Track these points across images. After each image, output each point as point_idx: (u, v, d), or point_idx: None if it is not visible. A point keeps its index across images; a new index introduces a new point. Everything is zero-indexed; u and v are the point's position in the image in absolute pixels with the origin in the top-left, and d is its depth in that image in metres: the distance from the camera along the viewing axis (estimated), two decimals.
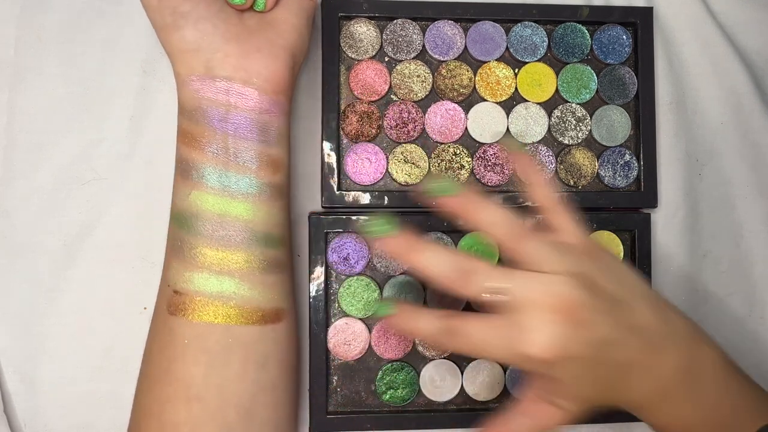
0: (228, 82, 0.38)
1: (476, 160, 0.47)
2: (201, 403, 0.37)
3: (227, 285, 0.38)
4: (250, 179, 0.39)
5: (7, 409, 0.45)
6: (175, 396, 0.37)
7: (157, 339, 0.39)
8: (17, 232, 0.46)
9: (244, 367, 0.38)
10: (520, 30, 0.48)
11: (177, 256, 0.39)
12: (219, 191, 0.38)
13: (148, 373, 0.39)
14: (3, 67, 0.46)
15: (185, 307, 0.38)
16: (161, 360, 0.38)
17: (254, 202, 0.39)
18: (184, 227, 0.39)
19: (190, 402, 0.37)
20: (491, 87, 0.48)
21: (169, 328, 0.38)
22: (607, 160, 0.48)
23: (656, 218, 0.49)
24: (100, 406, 0.46)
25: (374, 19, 0.47)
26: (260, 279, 0.39)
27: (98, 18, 0.47)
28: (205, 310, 0.38)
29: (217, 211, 0.38)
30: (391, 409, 0.47)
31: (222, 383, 0.37)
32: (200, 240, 0.38)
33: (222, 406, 0.37)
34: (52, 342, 0.45)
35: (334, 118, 0.46)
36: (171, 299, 0.38)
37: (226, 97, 0.38)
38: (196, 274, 0.38)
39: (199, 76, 0.38)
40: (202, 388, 0.37)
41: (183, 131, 0.39)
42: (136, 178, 0.47)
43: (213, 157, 0.38)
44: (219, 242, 0.38)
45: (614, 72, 0.49)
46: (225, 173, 0.38)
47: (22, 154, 0.46)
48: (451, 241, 0.47)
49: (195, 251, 0.38)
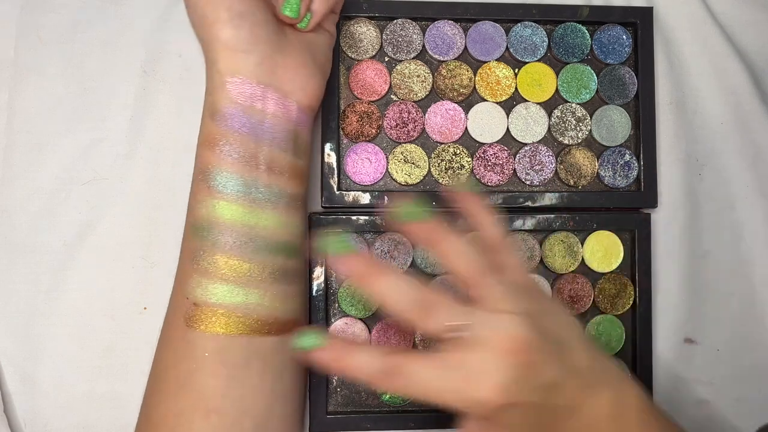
0: (271, 91, 0.38)
1: (476, 160, 0.47)
2: (219, 415, 0.36)
3: (249, 296, 0.37)
4: (279, 189, 0.38)
5: (7, 409, 0.45)
6: (193, 408, 0.36)
7: (173, 351, 0.38)
8: (17, 232, 0.46)
9: (262, 378, 0.37)
10: (520, 30, 0.48)
11: (195, 266, 0.37)
12: (243, 200, 0.37)
13: (162, 386, 0.37)
14: (3, 67, 0.46)
15: (205, 319, 0.37)
16: (177, 372, 0.37)
17: (280, 213, 0.38)
18: (204, 237, 0.37)
19: (208, 414, 0.36)
20: (491, 87, 0.48)
21: (186, 340, 0.37)
22: (607, 160, 0.48)
23: (656, 218, 0.49)
24: (100, 406, 0.46)
25: (374, 19, 0.47)
26: (281, 290, 0.38)
27: (98, 18, 0.47)
28: (225, 322, 0.36)
29: (240, 220, 0.37)
30: (391, 409, 0.47)
31: (241, 395, 0.36)
32: (221, 250, 0.37)
33: (239, 418, 0.36)
34: (52, 342, 0.45)
35: (334, 118, 0.46)
36: (189, 311, 0.37)
37: (263, 103, 0.38)
38: (218, 285, 0.37)
39: (242, 78, 0.37)
40: (220, 400, 0.36)
41: (208, 135, 0.38)
42: (136, 178, 0.47)
43: (242, 164, 0.37)
44: (241, 252, 0.37)
45: (614, 72, 0.49)
46: (253, 181, 0.37)
47: (22, 154, 0.46)
48: None
49: (217, 263, 0.37)
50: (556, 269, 0.48)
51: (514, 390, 0.32)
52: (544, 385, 0.33)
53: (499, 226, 0.37)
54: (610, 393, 0.35)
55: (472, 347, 0.32)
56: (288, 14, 0.38)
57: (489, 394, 0.31)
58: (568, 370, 0.34)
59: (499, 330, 0.32)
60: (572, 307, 0.48)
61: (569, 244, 0.48)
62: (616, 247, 0.48)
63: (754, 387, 0.50)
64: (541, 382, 0.32)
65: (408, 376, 0.32)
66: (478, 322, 0.32)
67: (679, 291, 0.49)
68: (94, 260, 0.46)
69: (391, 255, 0.46)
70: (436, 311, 0.32)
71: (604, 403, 0.35)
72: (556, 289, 0.48)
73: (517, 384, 0.32)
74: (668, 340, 0.49)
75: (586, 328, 0.48)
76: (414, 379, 0.32)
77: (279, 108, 0.38)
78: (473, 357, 0.32)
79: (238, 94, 0.37)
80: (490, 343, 0.32)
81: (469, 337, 0.32)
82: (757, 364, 0.50)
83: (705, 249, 0.50)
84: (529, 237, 0.48)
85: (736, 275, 0.50)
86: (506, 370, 0.31)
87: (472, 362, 0.32)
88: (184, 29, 0.47)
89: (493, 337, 0.32)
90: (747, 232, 0.50)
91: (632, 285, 0.48)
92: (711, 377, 0.49)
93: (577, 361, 0.34)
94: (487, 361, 0.31)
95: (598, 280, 0.48)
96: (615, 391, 0.35)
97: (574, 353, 0.34)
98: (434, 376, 0.32)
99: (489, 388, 0.31)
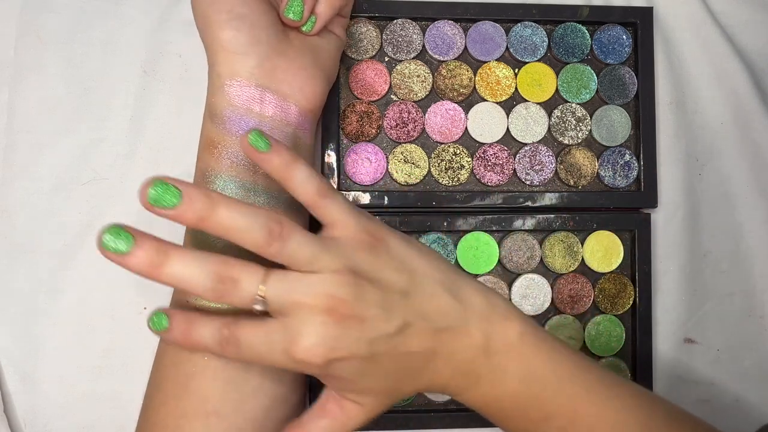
0: (270, 93, 0.38)
1: (476, 160, 0.47)
2: (218, 418, 0.36)
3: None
4: (278, 193, 0.38)
5: (7, 409, 0.45)
6: (193, 411, 0.36)
7: (172, 355, 0.37)
8: (17, 232, 0.46)
9: (261, 381, 0.37)
10: (520, 30, 0.48)
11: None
12: None
13: (162, 388, 0.37)
14: (3, 67, 0.46)
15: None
16: (177, 376, 0.37)
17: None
18: (202, 243, 0.37)
19: (208, 417, 0.36)
20: (491, 87, 0.48)
21: None
22: (607, 160, 0.48)
23: (656, 218, 0.49)
24: (100, 406, 0.46)
25: (374, 19, 0.47)
26: None
27: (98, 18, 0.47)
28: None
29: None
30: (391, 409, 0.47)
31: (240, 398, 0.36)
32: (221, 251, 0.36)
33: (238, 421, 0.36)
34: (52, 342, 0.45)
35: (334, 118, 0.46)
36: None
37: (261, 106, 0.38)
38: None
39: (240, 81, 0.37)
40: (219, 403, 0.36)
41: (208, 138, 0.38)
42: (136, 178, 0.47)
43: (238, 167, 0.37)
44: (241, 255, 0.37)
45: (614, 72, 0.49)
46: (252, 185, 0.38)
47: (22, 154, 0.46)
48: (450, 242, 0.47)
49: None
50: (556, 269, 0.48)
51: (333, 346, 0.32)
52: (375, 338, 0.32)
53: (314, 180, 0.34)
54: (478, 331, 0.35)
55: (288, 312, 0.32)
56: (291, 17, 0.38)
57: (306, 354, 0.31)
58: (413, 316, 0.33)
59: (308, 292, 0.31)
60: (572, 307, 0.48)
61: (569, 244, 0.48)
62: (616, 247, 0.48)
63: (754, 387, 0.50)
64: (369, 335, 0.32)
65: (239, 344, 0.32)
66: (286, 288, 0.32)
67: (679, 291, 0.49)
68: (94, 260, 0.46)
69: None
70: (239, 284, 0.31)
71: (471, 344, 0.35)
72: (556, 289, 0.48)
73: (336, 340, 0.32)
74: (668, 340, 0.49)
75: (585, 327, 0.48)
76: (245, 347, 0.32)
77: (277, 111, 0.38)
78: (290, 321, 0.32)
79: (235, 96, 0.37)
80: (303, 305, 0.31)
81: (282, 304, 0.32)
82: (757, 364, 0.50)
83: (705, 249, 0.50)
84: (529, 237, 0.48)
85: (736, 275, 0.50)
86: (320, 329, 0.31)
87: (290, 325, 0.32)
88: (184, 29, 0.47)
89: (304, 300, 0.31)
90: (747, 232, 0.50)
91: (632, 285, 0.48)
92: (711, 377, 0.49)
93: (427, 306, 0.34)
94: (302, 322, 0.31)
95: (598, 280, 0.48)
96: (484, 328, 0.35)
97: (424, 298, 0.34)
98: (262, 342, 0.32)
99: (305, 349, 0.31)
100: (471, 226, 0.47)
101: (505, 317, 0.36)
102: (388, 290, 0.33)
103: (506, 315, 0.36)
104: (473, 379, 0.35)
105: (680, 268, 0.50)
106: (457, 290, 0.35)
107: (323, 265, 0.32)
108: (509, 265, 0.47)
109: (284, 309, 0.32)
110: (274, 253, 0.32)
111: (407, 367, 0.34)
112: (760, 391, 0.50)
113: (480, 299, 0.36)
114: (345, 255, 0.33)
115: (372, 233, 0.35)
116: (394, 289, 0.33)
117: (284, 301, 0.32)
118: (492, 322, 0.35)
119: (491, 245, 0.47)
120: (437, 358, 0.34)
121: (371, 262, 0.33)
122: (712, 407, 0.49)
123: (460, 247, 0.47)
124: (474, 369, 0.35)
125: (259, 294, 0.31)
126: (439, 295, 0.35)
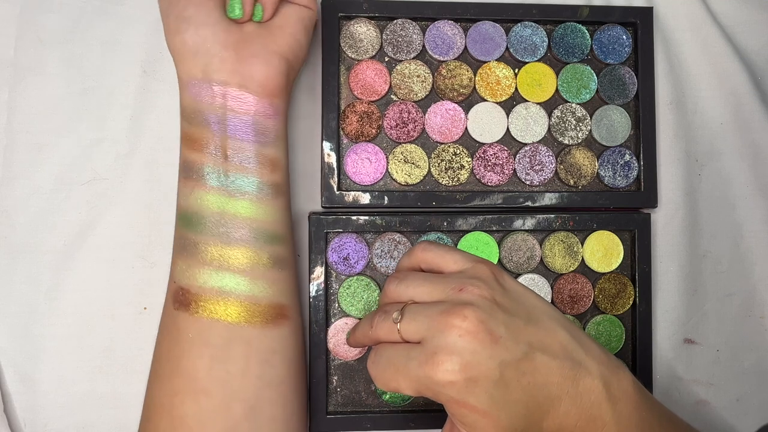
0: (224, 87, 0.39)
1: (476, 160, 0.47)
2: (207, 397, 0.37)
3: (229, 281, 0.39)
4: (249, 178, 0.40)
5: (7, 409, 0.45)
6: (184, 390, 0.38)
7: (166, 335, 0.40)
8: (17, 232, 0.46)
9: (246, 362, 0.38)
10: (520, 30, 0.48)
11: (182, 253, 0.40)
12: (219, 190, 0.39)
13: (158, 368, 0.39)
14: (3, 67, 0.46)
15: (189, 302, 0.38)
16: (170, 355, 0.39)
17: (253, 201, 0.40)
18: (188, 226, 0.39)
19: (197, 395, 0.37)
20: (491, 87, 0.48)
21: (175, 323, 0.39)
22: (607, 160, 0.48)
23: (656, 218, 0.49)
24: (100, 406, 0.46)
25: (374, 19, 0.47)
26: (262, 275, 0.39)
27: (98, 18, 0.47)
28: (207, 305, 0.38)
29: (218, 209, 0.39)
30: (391, 409, 0.47)
31: (226, 378, 0.38)
32: (203, 237, 0.39)
33: (227, 401, 0.38)
34: (52, 342, 0.45)
35: (334, 118, 0.46)
36: (176, 295, 0.39)
37: (222, 100, 0.39)
38: (199, 270, 0.39)
39: (197, 80, 0.39)
40: (207, 382, 0.37)
41: (184, 134, 0.40)
42: (136, 178, 0.47)
43: (212, 158, 0.39)
44: (220, 239, 0.39)
45: (614, 72, 0.49)
46: (224, 173, 0.39)
47: (22, 154, 0.46)
48: (451, 241, 0.47)
49: (198, 248, 0.39)
50: (556, 269, 0.48)
51: (472, 364, 0.32)
52: (508, 360, 0.33)
53: (457, 257, 0.38)
54: (600, 377, 0.35)
55: (427, 336, 0.33)
56: (233, 18, 0.40)
57: (445, 373, 0.32)
58: (538, 345, 0.34)
59: (447, 312, 0.33)
60: (572, 307, 0.48)
61: (569, 244, 0.48)
62: (616, 247, 0.48)
63: (754, 387, 0.50)
64: (504, 356, 0.33)
65: (380, 357, 0.35)
66: (427, 312, 0.34)
67: (678, 291, 0.49)
68: (94, 260, 0.46)
69: (390, 255, 0.46)
70: (386, 314, 0.36)
71: (595, 388, 0.35)
72: (556, 289, 0.48)
73: (473, 354, 0.32)
74: (668, 340, 0.49)
75: (585, 327, 0.48)
76: (385, 361, 0.35)
77: (234, 102, 0.39)
78: (429, 343, 0.33)
79: (196, 95, 0.39)
80: (442, 326, 0.33)
81: (420, 328, 0.34)
82: (757, 364, 0.50)
83: (705, 249, 0.50)
84: (529, 237, 0.48)
85: (736, 275, 0.50)
86: (460, 341, 0.32)
87: (429, 347, 0.33)
88: None
89: (443, 320, 0.33)
90: (747, 232, 0.50)
91: (632, 285, 0.48)
92: (711, 377, 0.49)
93: (552, 341, 0.35)
94: (441, 340, 0.33)
95: (598, 280, 0.48)
96: (606, 374, 0.35)
97: (548, 332, 0.35)
98: (400, 359, 0.34)
99: (445, 366, 0.32)
100: (471, 226, 0.47)
101: (617, 366, 0.36)
102: (513, 315, 0.34)
103: (617, 363, 0.37)
104: (599, 424, 0.35)
105: (680, 268, 0.50)
106: (574, 332, 0.36)
107: (466, 297, 0.34)
108: (509, 265, 0.47)
109: (425, 333, 0.34)
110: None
111: (535, 402, 0.34)
112: (760, 391, 0.50)
113: (596, 345, 0.37)
114: (479, 277, 0.35)
115: (490, 268, 0.37)
116: (519, 316, 0.35)
117: (426, 324, 0.34)
118: (609, 368, 0.36)
119: (491, 245, 0.47)
120: (565, 397, 0.34)
121: (496, 289, 0.35)
122: (712, 407, 0.49)
123: (460, 247, 0.47)
124: (600, 415, 0.35)
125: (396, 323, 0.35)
126: (559, 331, 0.35)
